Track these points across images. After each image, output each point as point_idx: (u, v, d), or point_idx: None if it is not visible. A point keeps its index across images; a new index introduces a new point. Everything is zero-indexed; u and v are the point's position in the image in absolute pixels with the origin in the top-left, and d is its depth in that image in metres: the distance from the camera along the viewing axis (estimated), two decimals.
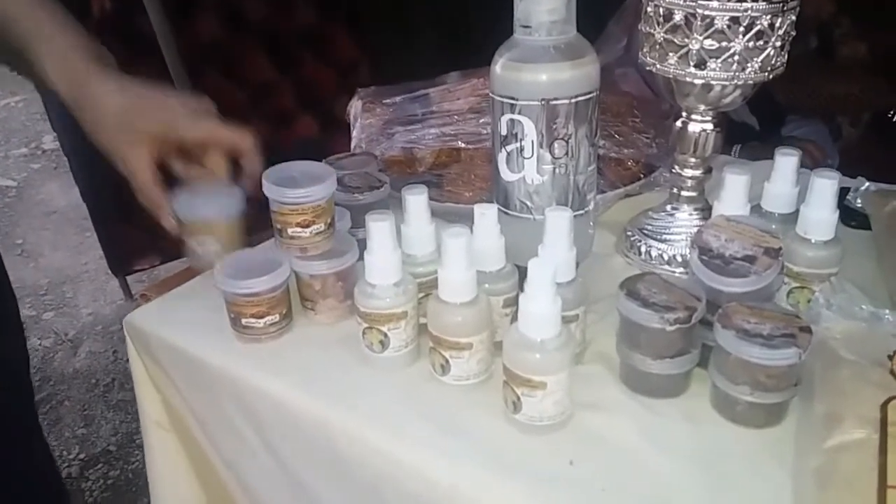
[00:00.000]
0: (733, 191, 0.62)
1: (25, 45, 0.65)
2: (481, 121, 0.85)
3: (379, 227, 0.57)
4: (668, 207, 0.73)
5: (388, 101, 0.91)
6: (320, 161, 0.77)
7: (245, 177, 0.66)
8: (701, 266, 0.54)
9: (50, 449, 0.86)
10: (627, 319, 0.53)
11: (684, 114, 0.69)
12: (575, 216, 0.57)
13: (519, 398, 0.51)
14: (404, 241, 0.61)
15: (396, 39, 2.11)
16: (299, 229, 0.62)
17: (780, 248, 0.54)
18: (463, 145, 0.85)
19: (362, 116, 0.91)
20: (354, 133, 0.91)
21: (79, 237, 2.54)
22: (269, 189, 0.62)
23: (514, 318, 0.59)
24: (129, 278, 2.20)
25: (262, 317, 0.62)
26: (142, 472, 1.69)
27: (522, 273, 0.61)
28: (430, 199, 0.62)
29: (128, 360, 0.70)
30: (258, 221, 0.68)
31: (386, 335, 0.58)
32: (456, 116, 0.87)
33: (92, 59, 0.65)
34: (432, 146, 0.86)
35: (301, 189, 0.61)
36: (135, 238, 2.04)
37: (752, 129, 1.62)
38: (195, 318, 0.67)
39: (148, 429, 0.70)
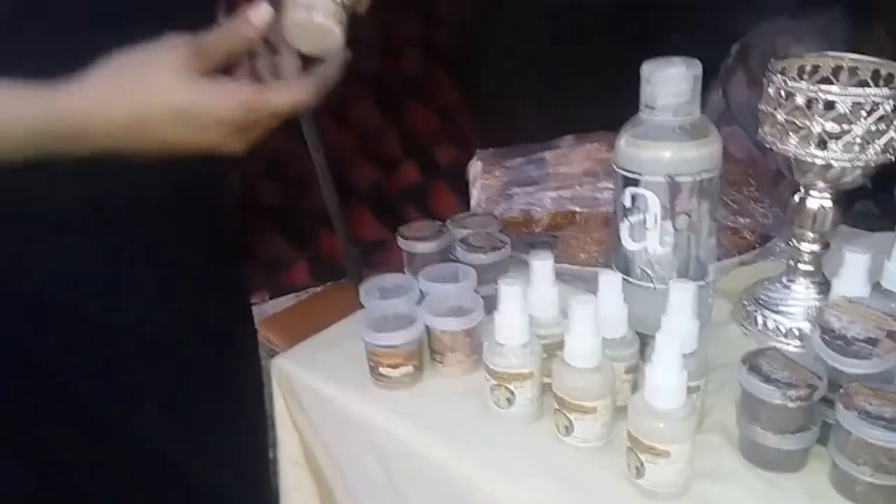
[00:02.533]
0: (854, 270, 0.63)
1: None
2: (598, 185, 0.89)
3: (511, 292, 0.62)
4: (785, 279, 0.74)
5: (507, 163, 0.97)
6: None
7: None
8: (823, 346, 0.56)
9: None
10: (749, 393, 0.56)
11: (802, 189, 0.71)
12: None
13: (642, 464, 0.54)
14: (529, 303, 0.66)
15: (497, 87, 2.19)
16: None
17: None
18: (578, 209, 0.89)
19: (482, 177, 0.97)
20: (474, 193, 0.97)
21: None
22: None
23: (636, 385, 0.63)
24: None
25: (397, 367, 0.68)
26: None
27: (642, 340, 0.64)
28: None
29: None
30: None
31: (513, 393, 0.63)
32: (572, 180, 0.92)
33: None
34: (549, 208, 0.90)
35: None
36: (248, 273, 2.17)
37: (864, 188, 1.59)
38: (336, 364, 0.73)
39: (285, 466, 0.77)
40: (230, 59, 0.56)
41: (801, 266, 0.73)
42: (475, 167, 0.99)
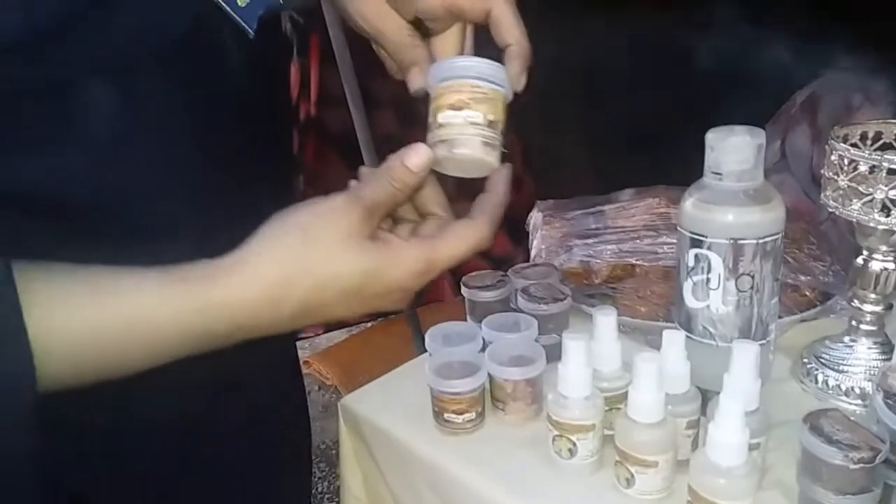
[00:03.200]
0: None
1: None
2: (658, 240, 0.92)
3: (576, 346, 0.64)
4: (847, 339, 0.75)
5: (566, 215, 1.00)
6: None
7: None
8: (886, 409, 0.57)
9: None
10: (810, 454, 0.57)
11: (865, 252, 0.73)
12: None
13: None
14: (592, 356, 0.68)
15: (548, 133, 2.23)
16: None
17: None
18: (638, 262, 0.92)
19: (542, 228, 1.00)
20: (535, 243, 1.00)
21: None
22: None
23: (697, 440, 0.65)
24: None
25: (461, 413, 0.71)
26: None
27: (703, 395, 0.66)
28: None
29: None
30: None
31: (574, 444, 0.65)
32: (632, 233, 0.94)
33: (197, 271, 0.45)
34: (608, 261, 0.93)
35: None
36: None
37: None
38: (403, 406, 0.76)
39: (347, 502, 0.80)
40: (392, 212, 0.51)
41: (864, 326, 0.74)
42: (535, 218, 1.03)
